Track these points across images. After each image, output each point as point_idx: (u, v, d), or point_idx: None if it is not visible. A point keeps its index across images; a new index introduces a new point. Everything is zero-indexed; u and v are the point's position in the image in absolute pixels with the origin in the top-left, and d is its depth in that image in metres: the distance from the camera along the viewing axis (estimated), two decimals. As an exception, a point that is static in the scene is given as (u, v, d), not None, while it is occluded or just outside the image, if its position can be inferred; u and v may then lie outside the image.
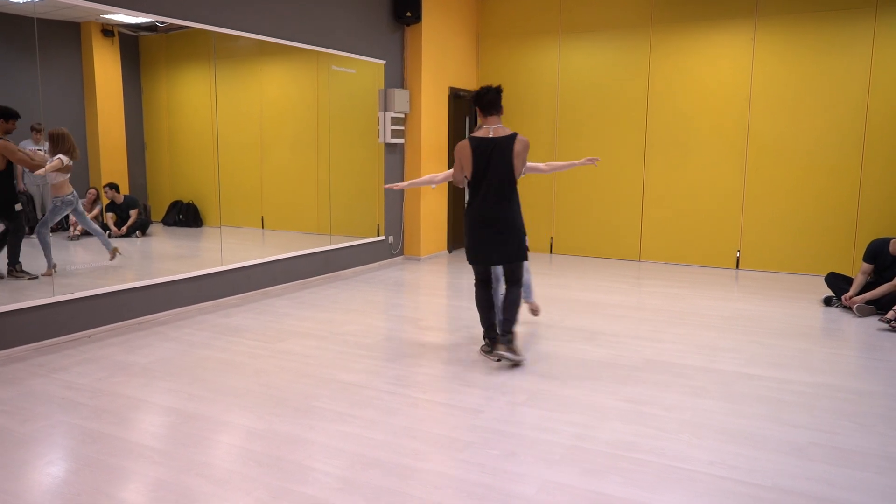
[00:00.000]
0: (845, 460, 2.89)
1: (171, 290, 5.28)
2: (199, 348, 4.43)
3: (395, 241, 7.91)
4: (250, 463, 2.82)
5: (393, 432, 3.14)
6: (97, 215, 5.23)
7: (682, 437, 3.10)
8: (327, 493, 2.57)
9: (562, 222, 8.36)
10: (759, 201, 7.29)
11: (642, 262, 7.93)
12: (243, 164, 6.17)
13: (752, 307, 5.71)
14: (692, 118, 7.50)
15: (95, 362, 4.12)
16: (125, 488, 2.61)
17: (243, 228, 6.23)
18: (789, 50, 6.99)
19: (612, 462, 2.85)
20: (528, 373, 4.00)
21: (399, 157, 7.81)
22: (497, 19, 8.46)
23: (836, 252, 7.00)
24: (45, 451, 2.92)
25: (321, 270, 6.80)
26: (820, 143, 6.97)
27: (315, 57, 6.57)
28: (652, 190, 7.81)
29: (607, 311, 5.55)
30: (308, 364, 4.12)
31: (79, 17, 4.79)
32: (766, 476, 2.74)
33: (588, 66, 7.99)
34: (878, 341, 4.73)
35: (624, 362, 4.20)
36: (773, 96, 7.11)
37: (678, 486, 2.66)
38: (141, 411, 3.38)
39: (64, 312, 4.55)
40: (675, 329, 4.99)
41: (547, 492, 2.60)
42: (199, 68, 5.64)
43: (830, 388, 3.78)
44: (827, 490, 2.63)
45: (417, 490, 2.61)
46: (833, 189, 6.96)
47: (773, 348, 4.53)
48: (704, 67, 7.39)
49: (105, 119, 5.15)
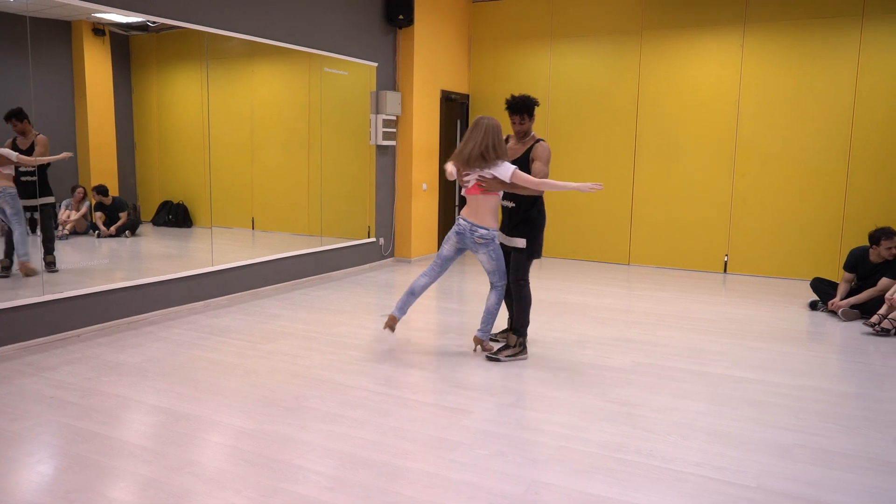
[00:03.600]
0: (829, 461, 2.94)
1: (160, 290, 5.27)
2: (189, 348, 4.43)
3: (386, 243, 7.92)
4: (241, 462, 2.83)
5: (383, 432, 3.15)
6: (85, 214, 5.22)
7: (670, 439, 3.13)
8: (318, 493, 2.59)
9: (552, 226, 8.35)
10: (746, 206, 7.37)
11: (631, 265, 7.98)
12: (234, 164, 6.17)
13: (739, 311, 5.77)
14: (681, 123, 7.57)
15: (85, 362, 4.11)
16: (116, 486, 2.62)
17: (233, 229, 6.23)
18: (777, 57, 7.07)
19: (600, 462, 2.88)
20: (518, 374, 4.03)
21: (390, 159, 7.82)
22: (489, 23, 8.50)
23: (821, 257, 7.08)
24: (34, 450, 2.92)
25: (312, 271, 6.80)
26: (807, 148, 7.05)
27: (307, 58, 6.58)
28: (641, 194, 7.87)
29: (596, 314, 5.59)
30: (298, 365, 4.13)
31: (70, 16, 4.78)
32: (751, 477, 2.78)
33: (579, 70, 8.05)
34: (862, 345, 4.79)
35: (612, 365, 4.24)
36: (761, 102, 7.19)
37: (665, 486, 2.69)
38: (131, 410, 3.38)
39: (53, 312, 4.53)
40: (663, 332, 5.04)
41: (535, 491, 2.63)
42: (191, 68, 5.64)
43: (815, 390, 3.83)
44: (811, 491, 2.68)
45: (407, 489, 2.63)
46: (819, 195, 7.05)
47: (760, 351, 4.58)
48: (693, 73, 7.46)
49: (95, 118, 5.14)
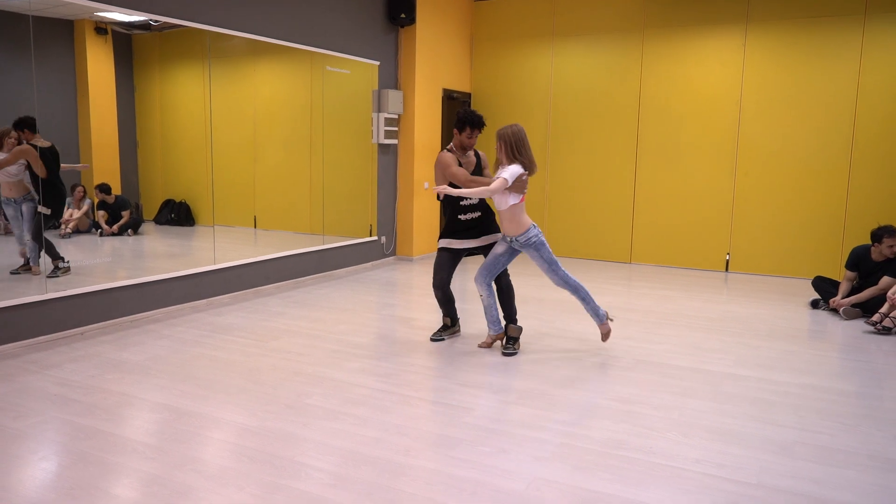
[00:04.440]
0: (830, 459, 2.94)
1: (163, 288, 5.28)
2: (192, 346, 4.44)
3: (388, 242, 7.94)
4: (243, 459, 2.84)
5: (385, 429, 3.17)
6: (87, 213, 5.23)
7: (670, 436, 3.14)
8: (320, 489, 2.60)
9: (554, 224, 8.41)
10: (748, 205, 7.37)
11: (633, 264, 7.99)
12: (236, 163, 6.18)
13: (740, 309, 5.77)
14: (683, 122, 7.57)
15: (88, 359, 4.13)
16: (119, 483, 2.63)
17: (236, 228, 6.24)
18: (779, 56, 7.07)
19: (601, 459, 2.89)
20: (519, 372, 4.04)
21: (392, 157, 7.84)
22: (491, 22, 8.51)
23: (823, 256, 7.08)
24: (38, 447, 2.94)
25: (314, 270, 6.82)
26: (809, 147, 7.05)
27: (309, 57, 6.60)
28: (643, 193, 7.88)
29: (598, 312, 5.59)
30: (300, 362, 4.14)
31: (73, 15, 4.80)
32: (751, 474, 2.79)
33: (581, 69, 8.05)
34: (863, 343, 4.80)
35: (614, 362, 4.24)
36: (763, 101, 7.19)
37: (666, 482, 2.70)
38: (134, 408, 3.39)
39: (56, 310, 4.55)
40: (665, 330, 5.05)
41: (536, 488, 2.64)
42: (193, 67, 5.65)
43: (816, 388, 3.84)
44: (811, 488, 2.68)
45: (409, 486, 2.64)
46: (821, 193, 7.05)
47: (761, 349, 4.59)
48: (695, 72, 7.46)
49: (97, 117, 5.15)
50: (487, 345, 4.51)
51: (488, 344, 4.51)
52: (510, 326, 4.49)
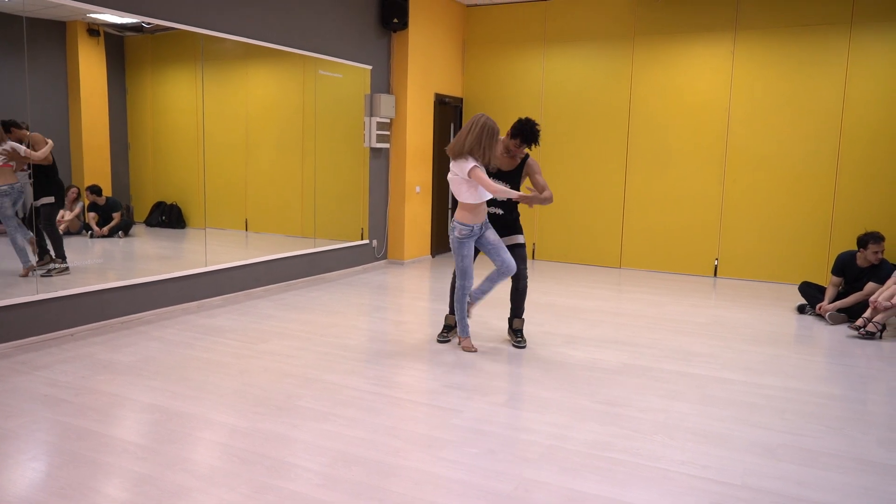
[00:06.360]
0: (814, 461, 2.99)
1: (154, 290, 5.29)
2: (183, 348, 4.45)
3: (379, 245, 7.96)
4: (234, 459, 2.86)
5: (374, 431, 3.19)
6: (78, 214, 5.23)
7: (657, 438, 3.18)
8: (309, 489, 2.62)
9: (544, 229, 8.46)
10: (737, 211, 7.44)
11: (622, 269, 8.05)
12: (228, 166, 6.20)
13: (727, 314, 5.83)
14: (672, 128, 7.64)
15: (79, 360, 4.13)
16: (110, 483, 2.64)
17: (227, 230, 6.25)
18: (767, 63, 7.16)
19: (588, 461, 2.93)
20: (508, 374, 4.07)
21: (384, 161, 7.86)
22: (483, 27, 8.56)
23: (810, 261, 7.16)
24: (28, 447, 2.94)
25: (305, 273, 6.83)
26: (796, 154, 7.13)
27: (302, 61, 6.62)
28: (633, 198, 7.94)
29: (587, 316, 5.64)
30: (291, 364, 4.16)
31: (65, 17, 4.80)
32: (736, 475, 2.83)
33: (572, 75, 8.11)
34: (848, 348, 4.86)
35: (602, 366, 4.29)
36: (752, 108, 7.27)
37: (652, 484, 2.74)
38: (125, 408, 3.40)
39: (47, 310, 4.55)
40: (653, 334, 5.10)
41: (524, 489, 2.67)
42: (185, 70, 5.66)
43: (801, 392, 3.89)
44: (795, 489, 2.73)
45: (398, 486, 2.66)
46: (808, 200, 7.13)
47: (747, 353, 4.64)
48: (685, 79, 7.54)
49: (89, 118, 5.16)
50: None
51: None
52: (515, 320, 4.76)
